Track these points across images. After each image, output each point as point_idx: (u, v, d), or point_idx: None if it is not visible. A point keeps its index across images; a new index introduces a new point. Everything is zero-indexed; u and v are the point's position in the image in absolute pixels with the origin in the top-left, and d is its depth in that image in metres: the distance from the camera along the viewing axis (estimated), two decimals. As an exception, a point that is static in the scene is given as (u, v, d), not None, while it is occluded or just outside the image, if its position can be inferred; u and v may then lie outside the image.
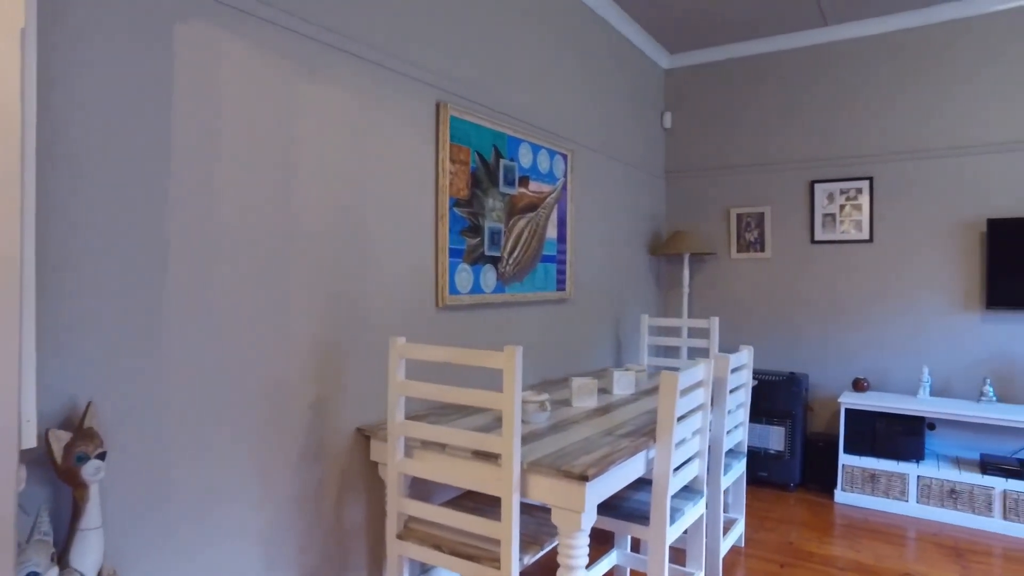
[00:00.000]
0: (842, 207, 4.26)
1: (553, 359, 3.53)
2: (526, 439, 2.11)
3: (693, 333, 4.77)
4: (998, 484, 3.46)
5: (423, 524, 2.10)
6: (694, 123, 4.79)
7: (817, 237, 4.34)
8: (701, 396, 2.38)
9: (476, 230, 2.91)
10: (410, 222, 2.55)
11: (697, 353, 4.72)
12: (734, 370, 2.88)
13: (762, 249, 4.53)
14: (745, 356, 3.02)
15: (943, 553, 3.15)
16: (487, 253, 2.98)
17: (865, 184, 4.18)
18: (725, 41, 4.54)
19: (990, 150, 3.87)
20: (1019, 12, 3.78)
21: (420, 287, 2.61)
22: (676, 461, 2.17)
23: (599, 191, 3.99)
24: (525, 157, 3.25)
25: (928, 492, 3.61)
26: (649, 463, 2.20)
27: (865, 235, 4.19)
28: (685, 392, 2.24)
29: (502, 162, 3.07)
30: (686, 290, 4.54)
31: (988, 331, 3.89)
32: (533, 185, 3.31)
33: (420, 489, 2.45)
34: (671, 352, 4.83)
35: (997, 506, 3.46)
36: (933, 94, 4.01)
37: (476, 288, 2.92)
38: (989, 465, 3.54)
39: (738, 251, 4.62)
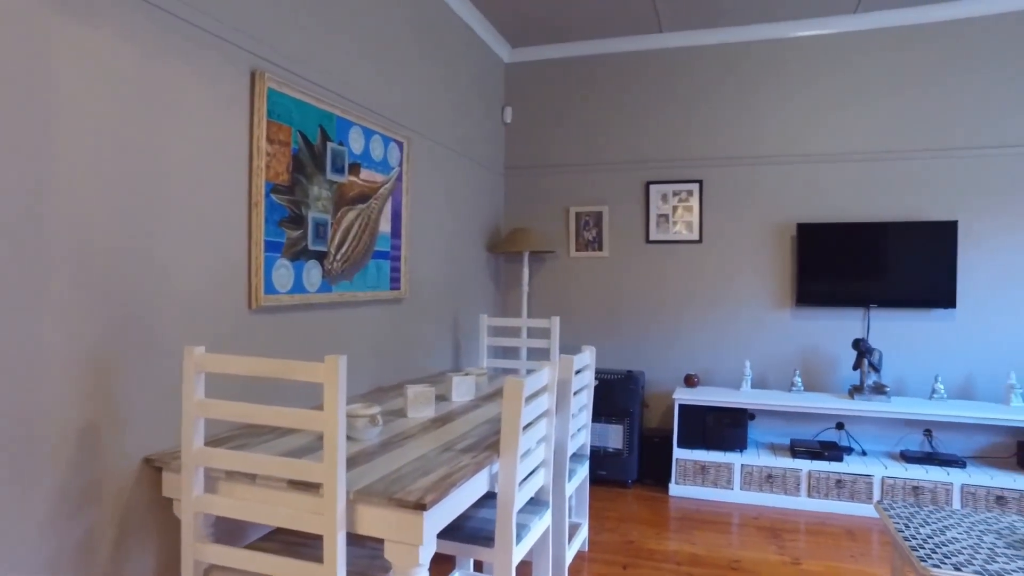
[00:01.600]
0: (675, 208, 4.41)
1: (388, 364, 3.25)
2: (354, 461, 1.82)
3: (533, 333, 4.71)
4: (805, 466, 3.73)
5: (228, 573, 1.74)
6: (535, 119, 4.73)
7: (652, 237, 4.45)
8: (546, 402, 2.24)
9: (298, 221, 2.55)
10: (215, 209, 2.14)
11: (537, 354, 4.66)
12: (577, 372, 2.79)
13: (600, 248, 4.57)
14: (587, 357, 2.95)
15: (763, 535, 3.31)
16: (311, 247, 2.63)
17: (696, 187, 4.36)
18: (566, 39, 4.52)
19: (803, 160, 4.20)
20: (834, 38, 4.13)
21: (228, 286, 2.21)
22: (521, 474, 2.00)
23: (437, 183, 3.77)
24: (356, 142, 2.93)
25: (750, 479, 3.81)
26: (493, 478, 2.01)
27: (695, 236, 4.37)
28: (530, 399, 2.08)
29: (330, 146, 2.74)
30: (526, 289, 4.46)
31: (798, 327, 4.21)
32: (365, 173, 3.00)
33: (226, 529, 2.06)
34: (511, 353, 4.73)
35: (803, 486, 3.73)
36: (757, 106, 4.27)
37: (298, 287, 2.56)
38: (798, 449, 3.82)
39: (577, 250, 4.62)
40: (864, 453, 3.92)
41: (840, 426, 4.08)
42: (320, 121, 2.68)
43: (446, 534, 2.05)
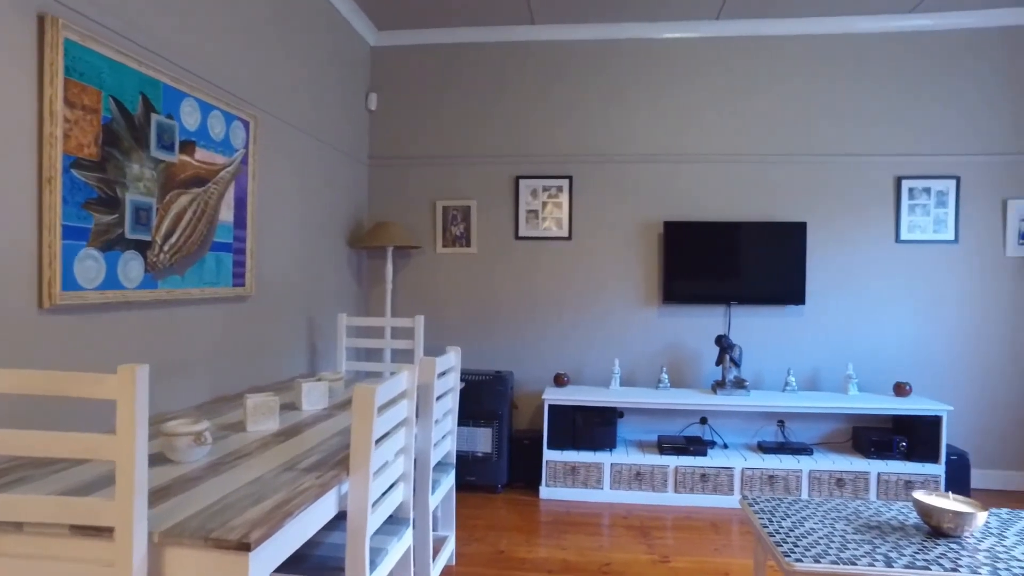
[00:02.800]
0: (544, 204, 4.32)
1: (230, 371, 2.87)
2: (168, 491, 1.50)
3: (397, 334, 4.45)
4: (672, 462, 3.78)
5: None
6: (401, 108, 4.47)
7: (521, 233, 4.34)
8: (405, 409, 2.01)
9: (111, 203, 2.14)
10: (-14, 183, 1.72)
11: (401, 355, 4.41)
12: (441, 374, 2.59)
13: (468, 244, 4.40)
14: (452, 358, 2.75)
15: (633, 534, 3.29)
16: (130, 236, 2.23)
17: (566, 183, 4.30)
18: (435, 24, 4.30)
19: (670, 159, 4.26)
20: (698, 42, 4.21)
21: (7, 280, 1.79)
22: (376, 493, 1.77)
23: (291, 170, 3.41)
24: (191, 116, 2.54)
25: (619, 478, 3.80)
26: (344, 498, 1.76)
27: (565, 233, 4.31)
28: (384, 408, 1.85)
29: (155, 118, 2.34)
30: (389, 287, 4.19)
31: (664, 324, 4.27)
32: (202, 153, 2.62)
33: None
34: (373, 355, 4.44)
35: (671, 482, 3.77)
36: (626, 104, 4.28)
37: (112, 282, 2.15)
38: (665, 446, 3.86)
39: (444, 245, 4.42)
40: (726, 446, 4.04)
41: (704, 420, 4.19)
42: (142, 88, 2.28)
43: (289, 566, 1.77)
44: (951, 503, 2.21)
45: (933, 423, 3.71)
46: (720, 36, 4.21)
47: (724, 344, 3.98)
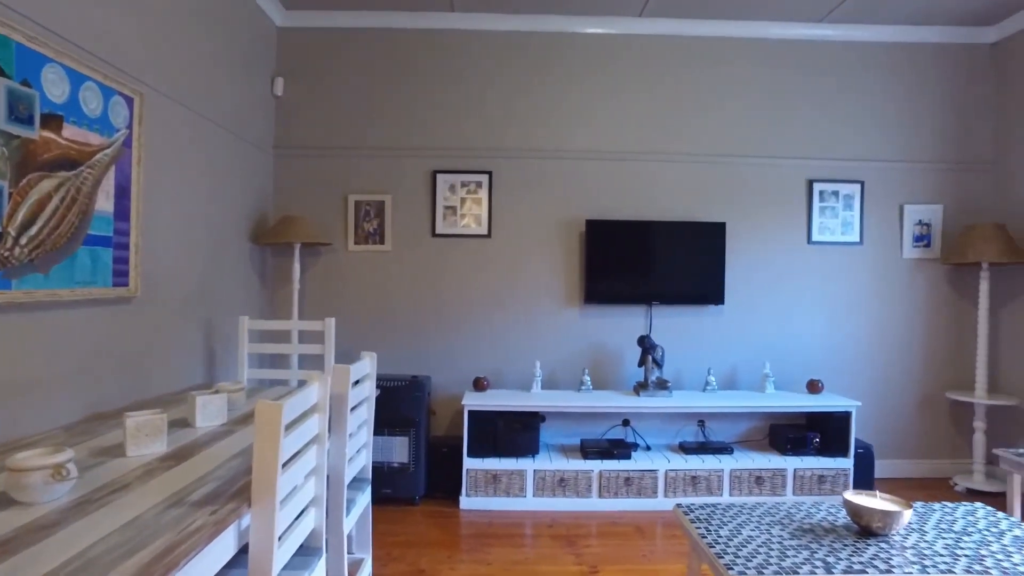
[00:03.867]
0: (463, 200, 4.14)
1: (109, 384, 2.50)
2: (15, 544, 1.21)
3: (305, 338, 4.13)
4: (596, 466, 3.69)
5: None
6: (311, 94, 4.15)
7: (439, 230, 4.14)
8: (316, 425, 1.78)
9: (-51, 186, 1.77)
10: None
11: (310, 361, 4.09)
12: (355, 383, 2.35)
13: (382, 241, 4.14)
14: (367, 365, 2.52)
15: (559, 544, 3.16)
16: (-25, 225, 1.86)
17: (485, 178, 4.13)
18: (348, 6, 4.01)
19: (593, 157, 4.18)
20: (621, 38, 4.14)
21: None
22: (283, 524, 1.53)
23: (184, 156, 3.05)
24: (56, 86, 2.17)
25: (543, 484, 3.67)
26: (245, 532, 1.50)
27: (484, 230, 4.14)
28: (293, 425, 1.61)
29: (5, 83, 1.97)
30: (297, 286, 3.88)
31: (586, 324, 4.18)
32: (71, 131, 2.25)
33: None
34: (280, 361, 4.10)
35: (595, 487, 3.68)
36: (548, 98, 4.16)
37: (-49, 281, 1.78)
38: (588, 450, 3.77)
39: (356, 242, 4.15)
40: (648, 448, 4.00)
41: (626, 423, 4.13)
42: (-9, 50, 1.91)
43: (175, 617, 1.50)
44: (879, 502, 2.21)
45: (843, 418, 3.81)
46: (642, 34, 4.17)
47: (647, 345, 3.94)
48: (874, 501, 2.22)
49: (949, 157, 4.31)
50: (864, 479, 3.89)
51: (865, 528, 2.13)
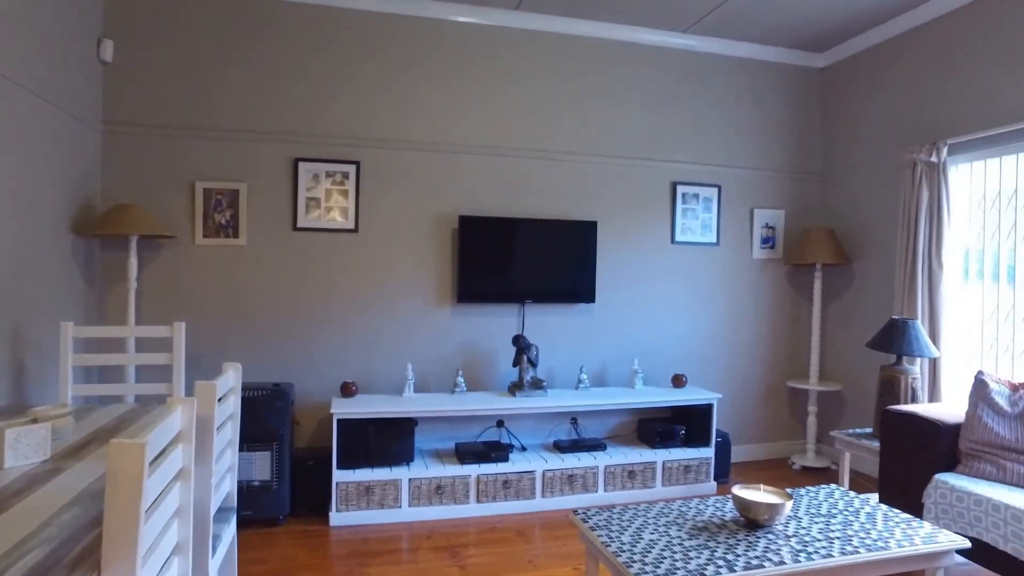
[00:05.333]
0: (329, 192, 3.82)
1: None
2: None
3: (145, 346, 3.60)
4: (473, 471, 3.57)
5: None
6: (150, 63, 3.60)
7: (300, 224, 3.79)
8: (181, 458, 1.48)
9: None
10: None
11: (153, 374, 3.58)
12: (220, 400, 2.03)
13: (236, 234, 3.72)
14: (232, 378, 2.19)
15: (441, 556, 3.00)
16: None
17: (352, 168, 3.84)
18: (189, -35, 3.53)
19: (466, 151, 4.03)
20: (495, 30, 4.02)
21: None
22: (144, 588, 1.23)
23: (-17, 128, 2.49)
24: None
25: (419, 493, 3.48)
26: (88, 602, 1.19)
27: (351, 224, 3.85)
28: (155, 465, 1.31)
29: None
30: (133, 286, 3.36)
31: (458, 324, 4.04)
32: None
33: None
34: (112, 375, 3.54)
35: (473, 492, 3.57)
36: (419, 87, 3.95)
37: None
38: (465, 454, 3.64)
39: (205, 235, 3.68)
40: (524, 448, 3.95)
41: (500, 424, 4.05)
42: None
43: None
44: (763, 495, 2.30)
45: (706, 410, 4.01)
46: (519, 28, 4.09)
47: (522, 344, 3.88)
48: (759, 495, 2.30)
49: (789, 167, 4.70)
50: (723, 465, 4.13)
51: (752, 521, 2.21)
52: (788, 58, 4.64)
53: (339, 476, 3.38)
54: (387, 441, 3.50)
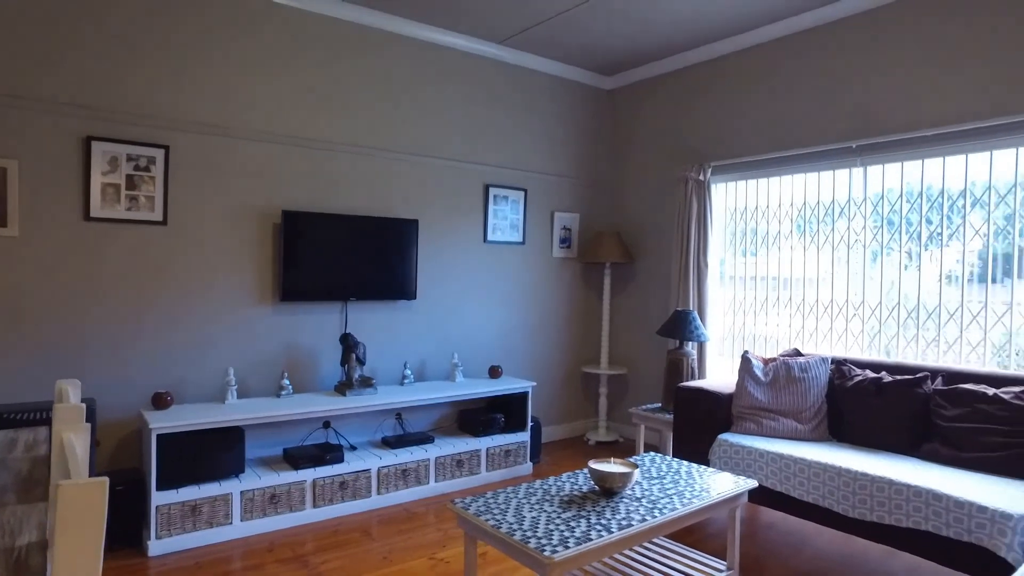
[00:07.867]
0: (131, 177, 3.36)
1: None
2: None
3: None
4: (309, 476, 3.46)
5: None
6: None
7: (95, 213, 3.28)
8: None
9: None
10: None
11: None
12: None
13: (4, 223, 3.09)
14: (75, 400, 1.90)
15: (291, 568, 2.88)
16: None
17: (160, 153, 3.42)
18: None
19: (291, 143, 3.83)
20: (324, 20, 3.85)
21: None
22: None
23: None
24: None
25: (252, 506, 3.27)
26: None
27: (159, 216, 3.44)
28: None
29: None
30: None
31: (281, 323, 3.85)
32: None
33: None
34: None
35: (309, 497, 3.45)
36: (243, 70, 3.64)
37: None
38: (297, 459, 3.49)
39: (-42, 225, 3.01)
40: (354, 448, 3.90)
41: (327, 424, 3.95)
42: None
43: None
44: (614, 467, 2.65)
45: (522, 398, 4.35)
46: (343, 19, 3.99)
47: (350, 342, 3.83)
48: (610, 466, 2.65)
49: (584, 175, 5.27)
50: (536, 448, 4.52)
51: (608, 490, 2.54)
52: (584, 78, 5.20)
53: (159, 498, 3.03)
54: (213, 453, 3.21)
